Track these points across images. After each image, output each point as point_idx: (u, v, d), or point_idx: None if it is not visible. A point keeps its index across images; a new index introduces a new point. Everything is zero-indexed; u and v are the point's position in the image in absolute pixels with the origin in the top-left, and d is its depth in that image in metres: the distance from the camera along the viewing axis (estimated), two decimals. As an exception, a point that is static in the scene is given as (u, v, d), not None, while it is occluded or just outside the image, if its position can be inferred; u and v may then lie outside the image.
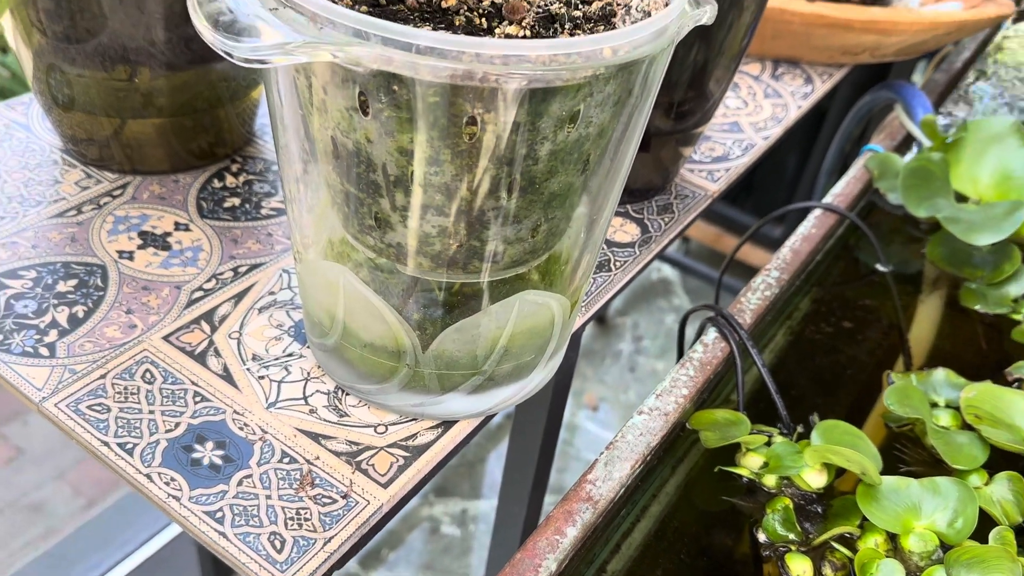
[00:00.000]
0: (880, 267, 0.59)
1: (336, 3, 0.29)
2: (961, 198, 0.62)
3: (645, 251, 0.50)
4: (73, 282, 0.42)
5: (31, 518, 1.36)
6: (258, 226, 0.47)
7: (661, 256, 1.72)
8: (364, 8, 0.29)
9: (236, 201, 0.48)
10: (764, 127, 0.63)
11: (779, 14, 0.67)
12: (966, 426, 0.46)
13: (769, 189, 1.57)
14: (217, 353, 0.39)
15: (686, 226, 0.53)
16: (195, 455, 0.35)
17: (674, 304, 1.80)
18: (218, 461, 0.35)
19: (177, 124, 0.47)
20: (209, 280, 0.43)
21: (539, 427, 0.53)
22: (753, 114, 0.64)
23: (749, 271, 1.57)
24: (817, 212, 0.57)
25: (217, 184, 0.49)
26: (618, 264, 0.49)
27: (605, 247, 0.50)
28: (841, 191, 0.60)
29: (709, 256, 1.80)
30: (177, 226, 0.46)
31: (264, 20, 0.27)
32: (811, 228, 0.56)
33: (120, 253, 0.44)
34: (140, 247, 0.44)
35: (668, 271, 1.85)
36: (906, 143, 0.69)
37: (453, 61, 0.26)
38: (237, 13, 0.28)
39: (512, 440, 0.57)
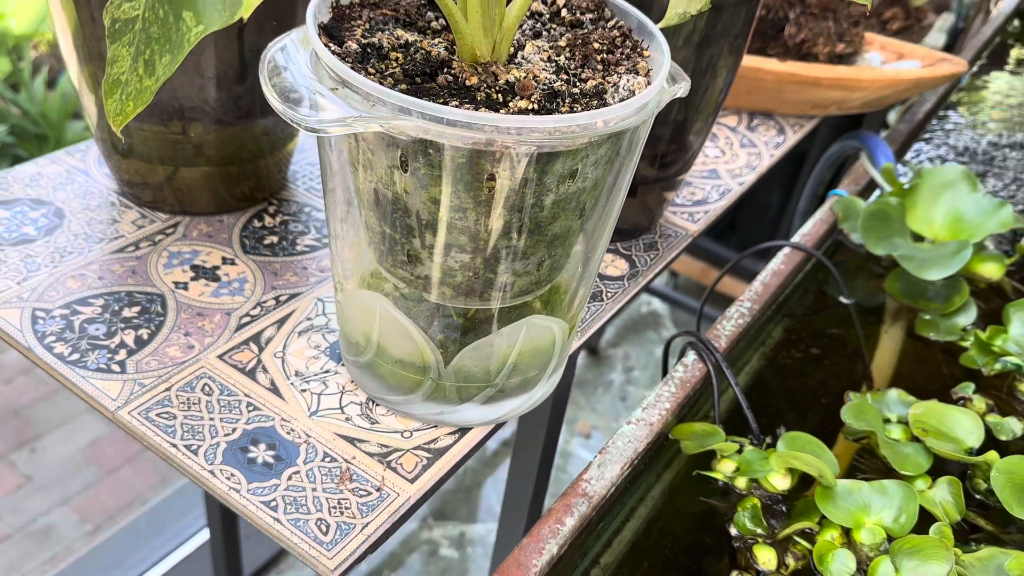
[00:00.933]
0: (844, 299, 0.66)
1: (382, 82, 0.35)
2: (919, 238, 0.69)
3: (633, 284, 0.57)
4: (137, 308, 0.48)
5: (40, 544, 1.40)
6: (294, 260, 0.53)
7: (651, 290, 1.79)
8: (404, 87, 0.36)
9: (274, 239, 0.55)
10: (740, 174, 0.70)
11: (754, 72, 0.74)
12: (914, 439, 0.52)
13: (752, 226, 1.65)
14: (264, 370, 0.46)
15: (669, 262, 0.60)
16: (251, 455, 0.41)
17: (663, 336, 1.86)
18: (270, 460, 0.41)
19: (223, 172, 0.54)
20: (255, 307, 0.49)
21: (538, 445, 0.59)
22: (730, 162, 0.72)
23: (728, 301, 1.64)
24: (786, 250, 0.64)
25: (257, 224, 0.56)
26: (609, 295, 0.55)
27: (598, 280, 0.56)
28: (808, 231, 0.67)
29: (696, 290, 1.87)
30: (224, 260, 0.52)
31: (325, 97, 0.34)
32: (779, 264, 0.63)
33: (176, 284, 0.50)
34: (193, 279, 0.51)
35: (657, 304, 1.92)
36: (870, 188, 0.77)
37: (477, 132, 0.33)
38: (303, 90, 0.34)
39: (513, 461, 0.63)
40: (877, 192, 0.75)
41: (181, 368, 0.45)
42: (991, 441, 0.54)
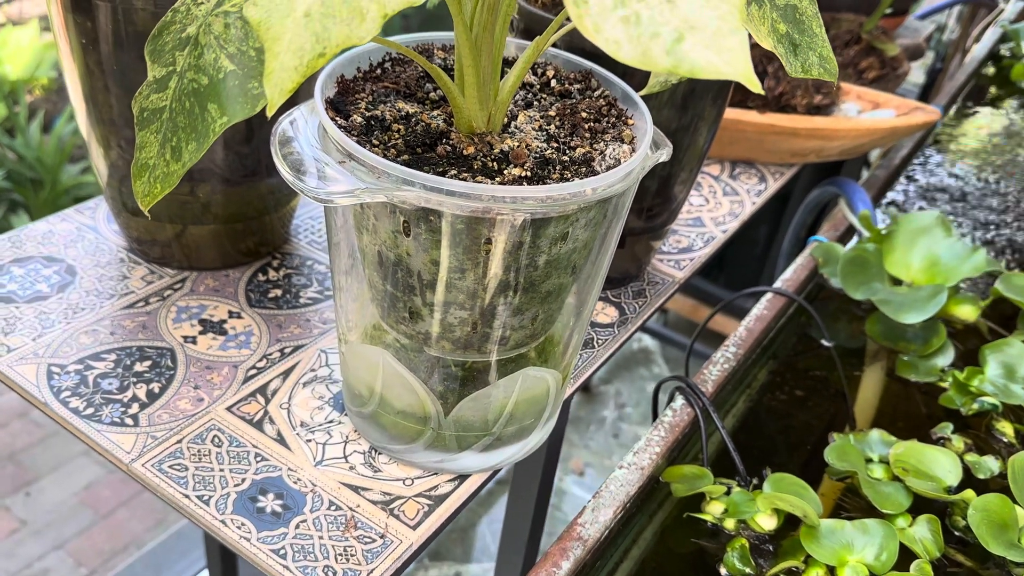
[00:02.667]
0: (825, 343, 0.68)
1: (386, 154, 0.38)
2: (897, 282, 0.72)
3: (623, 330, 0.59)
4: (148, 363, 0.50)
5: (35, 588, 1.40)
6: (298, 313, 0.55)
7: (641, 328, 1.82)
8: (406, 157, 0.39)
9: (279, 292, 0.57)
10: (723, 221, 0.73)
11: (735, 124, 0.78)
12: (895, 478, 0.55)
13: (740, 264, 1.68)
14: (271, 421, 0.48)
15: (657, 308, 0.63)
16: (259, 504, 0.43)
17: (654, 372, 1.88)
18: (278, 509, 0.43)
19: (230, 229, 0.56)
20: (260, 360, 0.51)
21: (534, 488, 0.61)
22: (713, 210, 0.75)
23: (718, 339, 1.67)
24: (768, 295, 0.67)
25: (262, 277, 0.58)
26: (600, 342, 0.58)
27: (589, 328, 0.59)
28: (790, 276, 0.70)
29: (686, 326, 1.90)
30: (231, 314, 0.54)
31: (333, 168, 0.37)
32: (763, 310, 0.65)
33: (185, 338, 0.52)
34: (201, 332, 0.53)
35: (648, 341, 1.95)
36: (849, 233, 0.80)
37: (475, 201, 0.36)
38: (311, 162, 0.37)
39: (509, 503, 0.65)
40: (856, 237, 0.78)
41: (192, 420, 0.47)
42: (969, 479, 0.56)
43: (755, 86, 0.23)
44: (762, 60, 0.80)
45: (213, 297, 0.56)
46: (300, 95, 0.53)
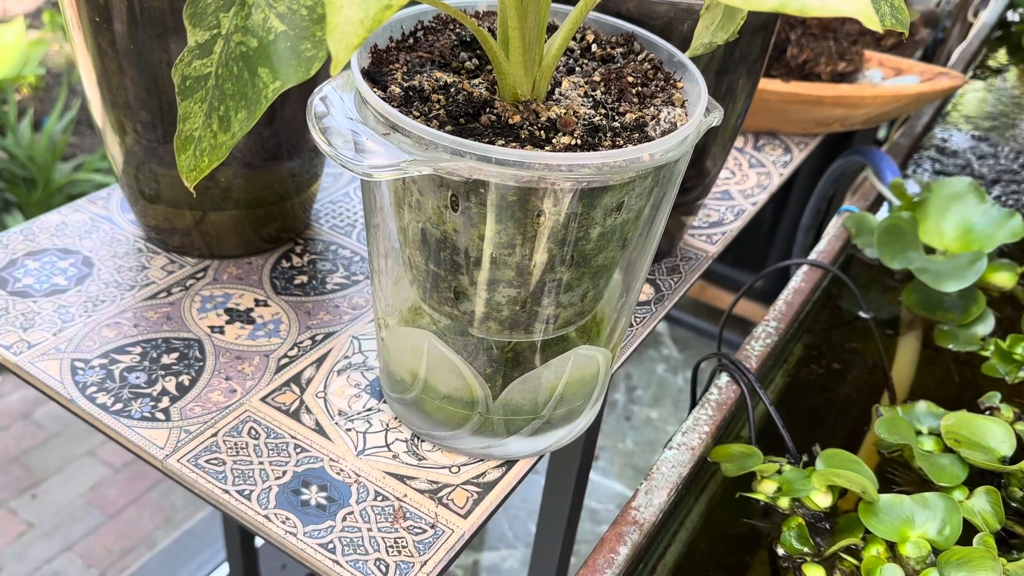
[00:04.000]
0: (863, 314, 0.66)
1: (428, 125, 0.36)
2: (930, 250, 0.70)
3: (660, 307, 0.58)
4: (175, 355, 0.48)
5: (46, 591, 1.38)
6: (326, 299, 0.53)
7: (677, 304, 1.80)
8: (449, 128, 0.37)
9: (304, 278, 0.55)
10: (751, 194, 0.71)
11: (759, 93, 0.76)
12: (947, 449, 0.53)
13: (748, 243, 1.67)
14: (308, 410, 0.46)
15: (691, 284, 0.61)
16: (303, 497, 0.41)
17: (663, 354, 1.87)
18: (323, 501, 0.41)
19: (251, 215, 0.54)
20: (292, 348, 0.50)
21: (572, 474, 0.59)
22: (741, 183, 0.73)
23: (730, 318, 1.65)
24: (804, 268, 0.65)
25: (286, 264, 0.56)
26: (639, 320, 0.56)
27: (625, 306, 0.57)
28: (824, 248, 0.68)
29: (694, 307, 1.88)
30: (257, 302, 0.52)
31: (376, 142, 0.34)
32: (800, 282, 0.63)
33: (212, 328, 0.50)
34: (228, 322, 0.51)
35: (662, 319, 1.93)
36: (877, 202, 0.78)
37: (528, 170, 0.34)
38: (350, 135, 0.35)
39: (546, 491, 0.64)
40: (885, 206, 0.76)
41: (225, 413, 0.45)
42: (1022, 449, 0.54)
43: (875, 24, 0.21)
44: (784, 28, 0.78)
45: (237, 285, 0.54)
46: (320, 74, 0.51)
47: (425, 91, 0.38)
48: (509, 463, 0.44)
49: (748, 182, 0.73)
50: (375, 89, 0.38)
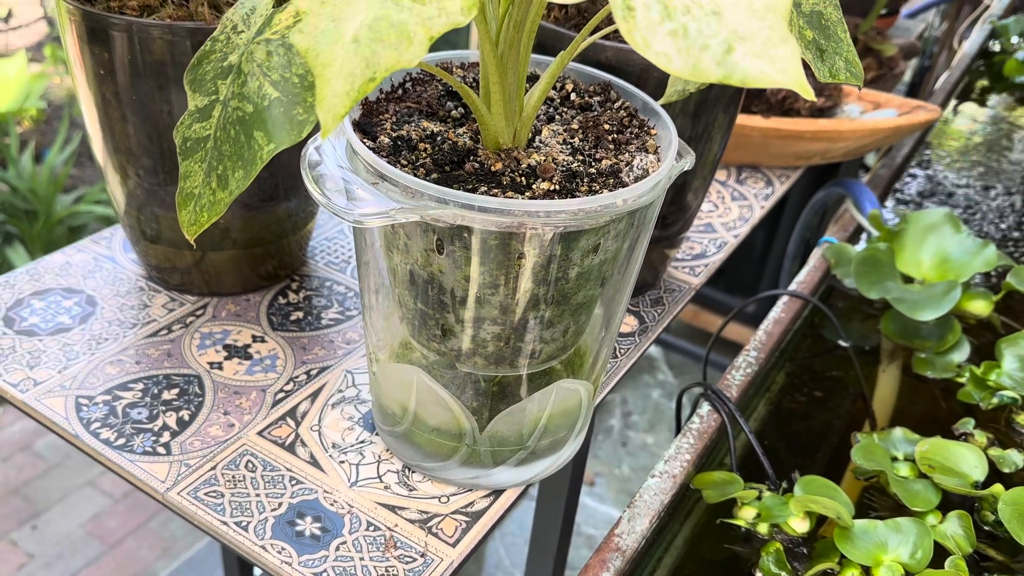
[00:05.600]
0: (842, 342, 0.68)
1: (415, 173, 0.38)
2: (908, 279, 0.72)
3: (644, 339, 0.60)
4: (175, 391, 0.50)
5: (46, 622, 1.39)
6: (320, 335, 0.55)
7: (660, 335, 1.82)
8: (435, 176, 0.39)
9: (300, 314, 0.57)
10: (734, 226, 0.73)
11: (740, 129, 0.78)
12: (922, 475, 0.55)
13: (739, 268, 1.69)
14: (303, 443, 0.48)
15: (675, 315, 0.63)
16: (298, 528, 0.43)
17: (659, 379, 1.89)
18: (317, 532, 0.43)
19: (249, 253, 0.56)
20: (288, 383, 0.51)
21: (561, 501, 0.61)
22: (724, 215, 0.75)
23: (724, 343, 1.67)
24: (784, 298, 0.67)
25: (282, 300, 0.58)
26: (623, 351, 0.58)
27: (610, 338, 0.59)
28: (804, 279, 0.70)
29: (689, 332, 1.90)
30: (254, 338, 0.54)
31: (365, 190, 0.37)
32: (780, 313, 0.65)
33: (211, 364, 0.52)
34: (226, 358, 0.53)
35: (652, 348, 1.95)
36: (857, 233, 0.80)
37: (509, 216, 0.36)
38: (341, 184, 0.37)
39: (536, 517, 0.65)
40: (865, 237, 0.79)
41: (224, 446, 0.47)
42: (995, 474, 0.56)
43: (808, 94, 0.23)
44: (764, 65, 0.80)
45: (236, 322, 0.56)
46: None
47: (413, 140, 0.41)
48: (496, 493, 0.46)
49: (730, 215, 0.75)
50: (365, 140, 0.40)
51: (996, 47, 1.44)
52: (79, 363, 0.51)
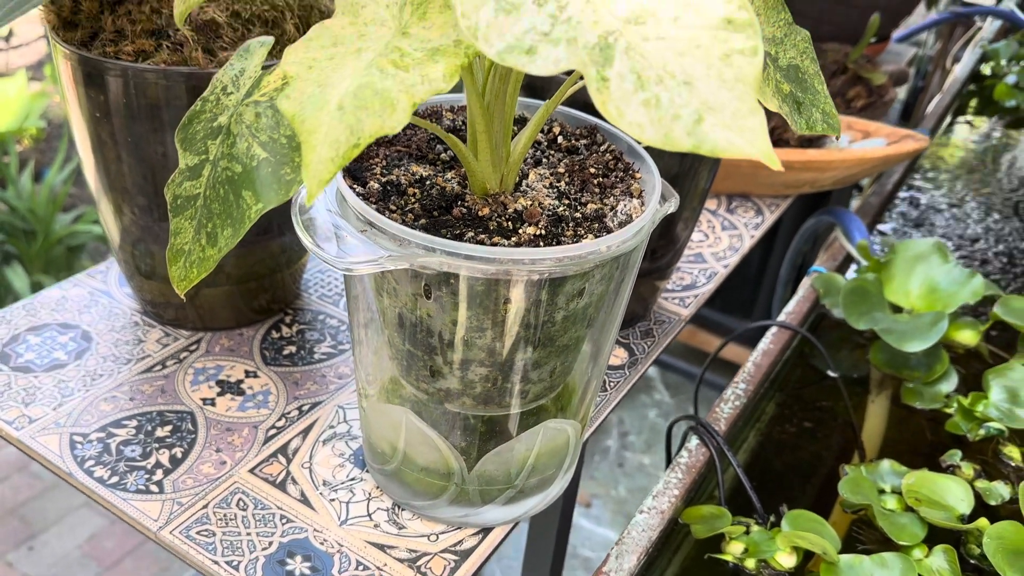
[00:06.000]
0: (831, 373, 0.69)
1: (404, 219, 0.39)
2: (897, 309, 0.73)
3: (633, 371, 0.60)
4: (169, 428, 0.51)
5: (42, 646, 1.39)
6: (313, 369, 0.56)
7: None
8: (423, 221, 0.40)
9: (293, 349, 0.58)
10: (724, 256, 0.74)
11: (728, 160, 0.79)
12: (908, 508, 0.55)
13: (735, 287, 1.70)
14: (294, 481, 0.48)
15: (664, 347, 0.64)
16: (288, 567, 0.43)
17: (655, 399, 1.89)
18: (307, 571, 0.43)
19: (243, 288, 0.57)
20: (279, 419, 0.52)
21: (552, 530, 0.62)
22: (714, 245, 0.76)
23: (720, 363, 1.67)
24: (773, 329, 0.68)
25: (275, 335, 0.59)
26: (612, 384, 0.59)
27: (600, 371, 0.59)
28: (793, 309, 0.71)
29: (685, 352, 1.90)
30: (247, 374, 0.55)
31: (355, 237, 0.37)
32: (769, 344, 0.66)
33: (204, 400, 0.53)
34: (219, 394, 0.53)
35: (649, 368, 1.95)
36: (847, 261, 0.81)
37: (495, 265, 0.37)
38: (331, 231, 0.38)
39: (528, 547, 0.66)
40: (854, 265, 0.79)
41: (216, 484, 0.47)
42: (981, 506, 0.57)
43: (775, 164, 0.24)
44: (753, 96, 0.81)
45: (229, 357, 0.56)
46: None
47: (402, 185, 0.41)
48: (485, 530, 0.47)
49: (721, 244, 0.76)
50: (355, 185, 0.41)
51: (987, 70, 1.45)
52: (74, 400, 0.52)
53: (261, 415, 0.52)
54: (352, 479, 0.49)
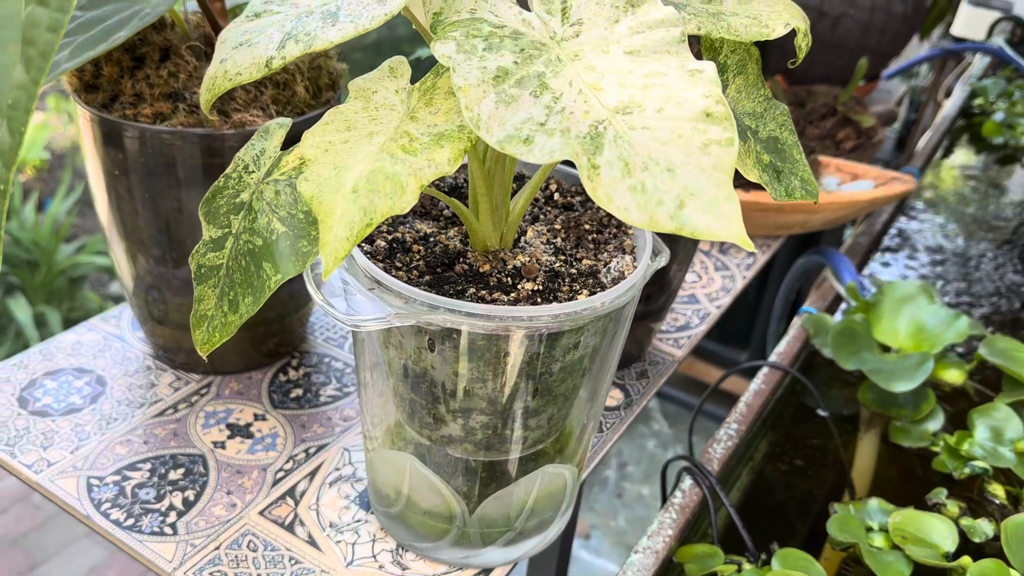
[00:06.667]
0: (821, 412, 0.71)
1: (409, 276, 0.41)
2: (886, 348, 0.75)
3: (628, 412, 0.62)
4: (181, 471, 0.53)
5: None
6: (319, 412, 0.58)
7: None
8: (427, 277, 0.42)
9: (300, 392, 0.60)
10: (717, 297, 0.76)
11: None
12: (895, 546, 0.57)
13: (734, 316, 1.72)
14: (302, 523, 0.50)
15: (658, 387, 0.66)
16: (297, 607, 0.45)
17: (654, 429, 1.90)
18: (315, 611, 0.45)
19: (252, 333, 0.59)
20: (287, 462, 0.54)
21: (552, 565, 0.63)
22: (707, 286, 0.78)
23: (719, 394, 1.69)
24: (765, 369, 0.70)
25: (283, 378, 0.61)
26: (608, 426, 0.61)
27: (597, 412, 0.61)
28: (784, 349, 0.73)
29: (684, 383, 1.92)
30: (256, 417, 0.57)
31: (365, 295, 0.40)
32: (760, 384, 0.68)
33: (215, 443, 0.55)
34: (229, 437, 0.55)
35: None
36: (837, 300, 0.83)
37: (495, 322, 0.39)
38: (341, 289, 0.40)
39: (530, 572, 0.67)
40: (844, 306, 0.82)
41: (227, 526, 0.49)
42: (966, 543, 0.58)
43: (749, 246, 0.26)
44: (744, 141, 0.84)
45: (238, 400, 0.58)
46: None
47: (407, 242, 0.44)
48: (486, 571, 0.49)
49: (714, 285, 0.78)
50: (363, 243, 0.43)
51: (977, 105, 1.48)
52: (90, 443, 0.54)
53: (270, 457, 0.54)
54: (358, 520, 0.51)
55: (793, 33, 0.35)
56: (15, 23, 0.23)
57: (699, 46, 0.36)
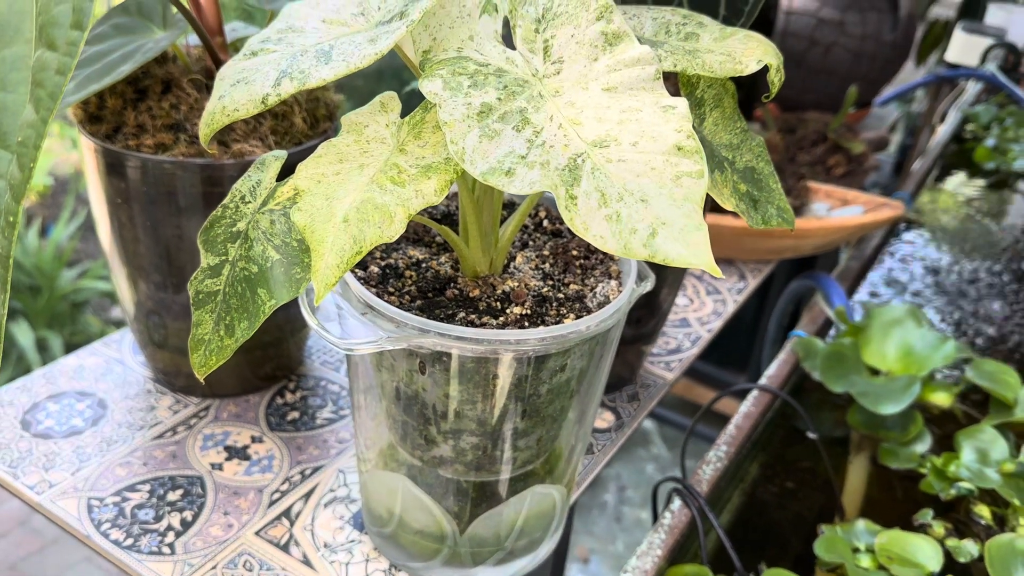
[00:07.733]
0: (810, 434, 0.72)
1: (401, 300, 0.43)
2: (874, 371, 0.76)
3: (620, 434, 0.63)
4: (180, 492, 0.54)
5: None
6: (315, 434, 0.59)
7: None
8: (419, 302, 0.43)
9: (296, 414, 0.61)
10: (708, 321, 0.78)
11: (714, 228, 0.83)
12: (881, 567, 0.58)
13: (731, 339, 1.73)
14: (297, 543, 0.51)
15: (649, 410, 0.67)
16: (291, 626, 0.46)
17: (653, 453, 1.91)
18: (309, 630, 0.46)
19: (250, 357, 0.60)
20: (283, 483, 0.55)
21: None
22: (698, 310, 0.79)
23: (714, 416, 1.70)
24: (755, 392, 0.71)
25: (280, 401, 0.62)
26: (599, 447, 0.62)
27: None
28: (774, 372, 0.74)
29: (682, 406, 1.93)
30: (253, 439, 0.58)
31: (358, 319, 0.41)
32: (750, 407, 0.69)
33: (213, 465, 0.56)
34: (227, 459, 0.56)
35: (646, 422, 1.98)
36: (827, 324, 0.84)
37: (484, 345, 0.40)
38: (335, 313, 0.42)
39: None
40: (834, 330, 0.83)
41: (224, 546, 0.50)
42: (951, 563, 0.59)
43: (717, 273, 0.27)
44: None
45: (236, 423, 0.60)
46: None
47: (399, 268, 0.45)
48: (477, 589, 0.49)
49: (705, 309, 0.80)
50: (356, 269, 0.45)
51: (969, 131, 1.50)
52: (91, 465, 0.55)
53: (266, 479, 0.55)
54: (351, 541, 0.52)
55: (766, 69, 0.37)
56: (25, 65, 0.25)
57: (677, 81, 0.38)
